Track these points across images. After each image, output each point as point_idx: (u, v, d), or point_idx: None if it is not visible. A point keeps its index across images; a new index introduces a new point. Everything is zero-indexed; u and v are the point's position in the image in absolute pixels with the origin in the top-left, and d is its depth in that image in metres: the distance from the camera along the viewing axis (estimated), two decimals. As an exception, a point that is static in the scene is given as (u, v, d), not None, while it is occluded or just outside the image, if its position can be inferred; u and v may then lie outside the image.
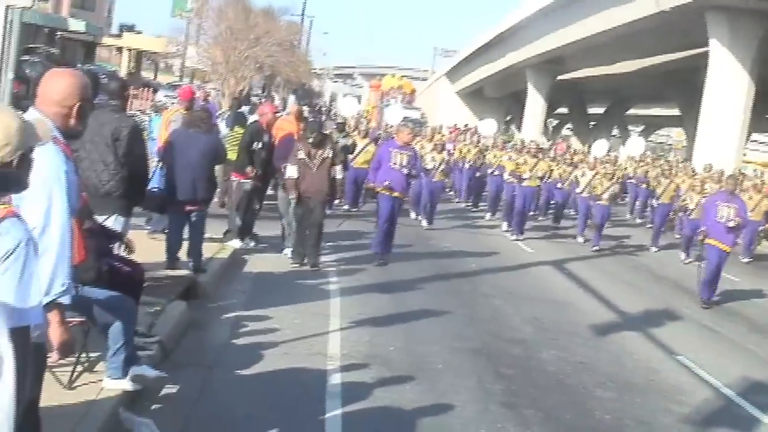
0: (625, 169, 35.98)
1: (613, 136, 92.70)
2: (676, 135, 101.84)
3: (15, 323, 3.88)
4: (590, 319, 14.38)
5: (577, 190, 26.14)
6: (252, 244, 15.24)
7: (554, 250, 22.97)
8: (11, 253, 3.95)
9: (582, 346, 12.44)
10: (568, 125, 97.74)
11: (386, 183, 16.02)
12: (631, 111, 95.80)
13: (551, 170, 26.54)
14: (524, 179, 23.95)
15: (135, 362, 7.34)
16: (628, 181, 33.95)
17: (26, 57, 27.42)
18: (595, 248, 23.45)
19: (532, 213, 26.67)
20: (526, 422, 8.72)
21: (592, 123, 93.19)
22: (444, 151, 25.09)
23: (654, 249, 25.95)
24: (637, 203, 34.86)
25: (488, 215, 27.80)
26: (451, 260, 17.97)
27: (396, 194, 16.26)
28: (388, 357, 10.28)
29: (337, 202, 16.55)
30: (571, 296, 16.46)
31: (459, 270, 16.91)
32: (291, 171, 14.36)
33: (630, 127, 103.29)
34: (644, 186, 33.14)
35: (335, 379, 9.12)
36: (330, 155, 14.61)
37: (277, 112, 16.60)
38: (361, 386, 9.03)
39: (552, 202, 29.62)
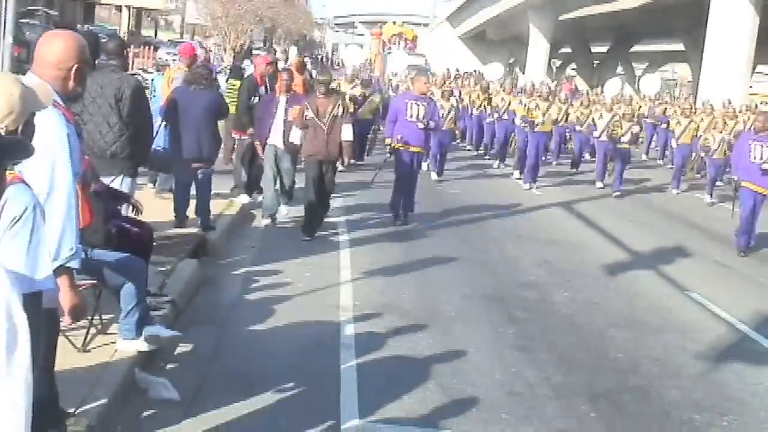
0: (640, 108, 34.69)
1: (618, 74, 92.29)
2: (681, 71, 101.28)
3: (26, 290, 3.88)
4: (602, 259, 14.38)
5: (595, 134, 24.92)
6: (260, 198, 15.12)
7: (565, 193, 22.60)
8: (18, 219, 3.94)
9: (594, 287, 12.45)
10: (572, 65, 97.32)
11: (399, 137, 15.05)
12: (636, 48, 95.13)
13: (567, 114, 25.28)
14: (537, 124, 22.66)
15: (148, 322, 7.36)
16: (645, 121, 32.94)
17: (25, 20, 27.31)
18: (616, 194, 22.66)
19: (545, 159, 25.82)
20: (541, 365, 8.75)
21: (596, 62, 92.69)
22: (452, 98, 24.01)
23: (675, 191, 25.33)
24: (654, 143, 34.27)
25: (497, 163, 27.00)
26: (459, 207, 17.94)
27: (414, 149, 15.25)
28: (400, 306, 10.30)
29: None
30: (582, 237, 16.47)
31: (468, 216, 16.90)
32: (295, 135, 13.13)
33: (634, 65, 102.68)
34: (663, 126, 32.15)
35: (348, 330, 9.15)
36: (341, 113, 13.21)
37: (271, 63, 16.28)
38: (374, 336, 9.06)
39: (565, 145, 28.92)
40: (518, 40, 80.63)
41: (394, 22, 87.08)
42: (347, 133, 13.25)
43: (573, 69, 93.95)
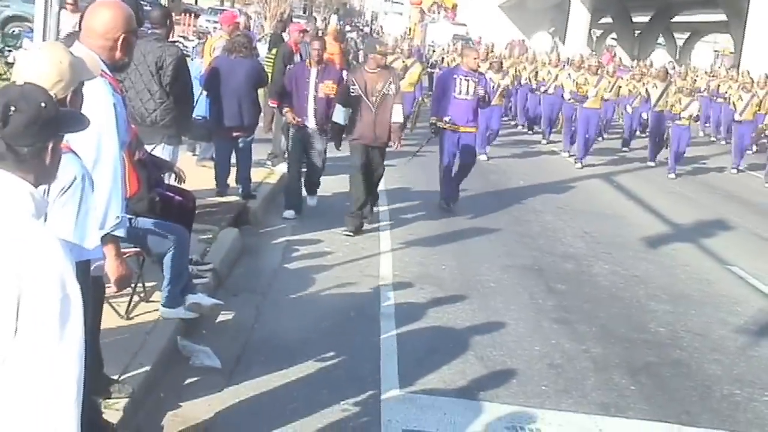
0: (695, 82, 32.47)
1: (660, 45, 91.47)
2: (722, 42, 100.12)
3: (75, 259, 3.92)
4: (642, 232, 14.32)
5: (655, 107, 23.21)
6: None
7: (610, 168, 21.89)
8: (67, 189, 3.99)
9: (634, 259, 12.41)
10: (613, 35, 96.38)
11: (447, 119, 13.49)
12: (676, 18, 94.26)
13: (619, 87, 23.94)
14: (586, 99, 21.20)
15: (190, 290, 7.42)
16: (699, 95, 29.86)
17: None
18: (671, 176, 21.12)
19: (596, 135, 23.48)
20: (580, 338, 8.74)
21: (638, 32, 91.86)
22: (501, 71, 22.08)
23: (734, 170, 23.59)
24: (709, 122, 32.40)
25: (543, 140, 25.33)
26: (501, 180, 17.88)
27: (463, 129, 13.64)
28: (439, 276, 10.32)
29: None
30: (623, 210, 16.38)
31: (509, 189, 16.86)
32: (339, 115, 11.80)
33: (676, 35, 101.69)
34: (719, 101, 30.04)
35: (388, 300, 9.18)
36: (393, 91, 11.62)
37: (304, 31, 16.15)
38: (414, 306, 9.09)
39: (612, 122, 27.36)
40: (559, 9, 79.91)
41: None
42: (398, 114, 11.70)
43: (613, 39, 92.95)
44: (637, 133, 27.08)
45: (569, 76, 23.61)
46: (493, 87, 19.46)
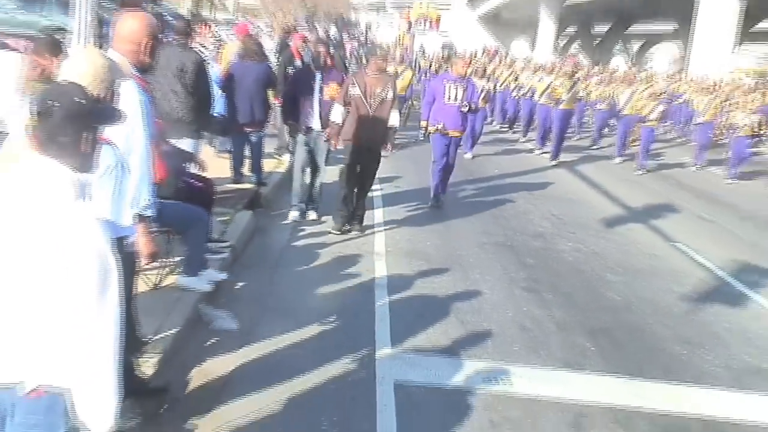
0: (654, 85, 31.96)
1: (617, 52, 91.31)
2: (672, 49, 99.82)
3: (114, 235, 3.97)
4: (601, 214, 14.36)
5: (622, 110, 22.44)
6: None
7: (578, 162, 21.27)
8: (105, 174, 4.03)
9: (593, 237, 12.44)
10: (576, 43, 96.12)
11: (439, 125, 12.88)
12: (632, 28, 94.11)
13: (589, 92, 23.40)
14: (561, 101, 20.46)
15: (205, 266, 7.48)
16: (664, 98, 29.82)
17: (103, 2, 27.19)
18: (640, 172, 20.41)
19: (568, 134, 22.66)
20: (547, 304, 8.79)
21: (597, 40, 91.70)
22: (485, 77, 20.95)
23: (693, 168, 22.50)
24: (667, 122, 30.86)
25: (522, 137, 24.79)
26: (481, 173, 17.85)
27: (451, 133, 12.99)
28: (426, 252, 10.35)
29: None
30: (585, 196, 16.40)
31: (487, 180, 16.85)
32: (337, 113, 10.45)
33: (631, 43, 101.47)
34: (678, 103, 29.19)
35: (381, 272, 9.22)
36: (390, 96, 10.55)
37: (305, 39, 16.05)
38: (404, 277, 9.12)
39: (583, 121, 26.41)
40: (529, 22, 79.71)
41: (420, 5, 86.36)
42: (394, 118, 10.63)
43: (576, 47, 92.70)
44: (606, 131, 26.67)
45: (542, 79, 22.91)
46: (479, 91, 18.66)
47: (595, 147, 24.94)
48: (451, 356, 7.00)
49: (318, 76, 10.81)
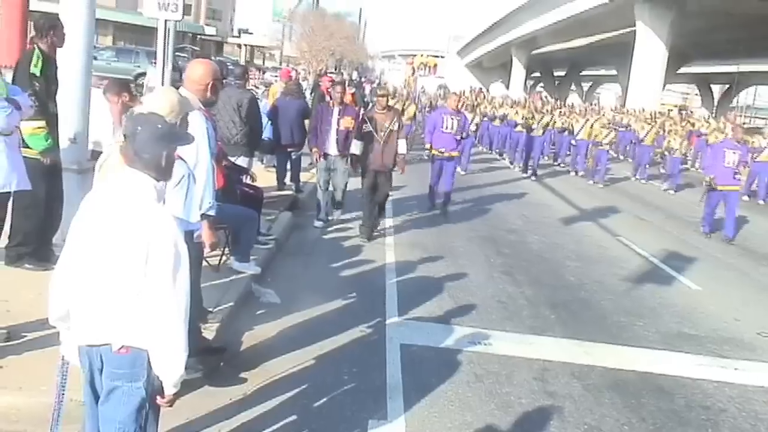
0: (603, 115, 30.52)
1: (572, 90, 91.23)
2: (614, 89, 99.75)
3: (184, 229, 3.98)
4: (561, 214, 14.31)
5: (577, 136, 21.88)
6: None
7: (545, 176, 20.81)
8: (179, 183, 4.04)
9: (555, 232, 12.39)
10: (540, 84, 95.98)
11: (441, 149, 12.42)
12: (584, 72, 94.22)
13: (554, 122, 22.55)
14: (533, 129, 20.46)
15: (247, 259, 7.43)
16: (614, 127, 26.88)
17: (178, 53, 27.38)
18: (600, 185, 19.72)
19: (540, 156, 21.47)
20: (519, 284, 8.74)
21: (557, 81, 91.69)
22: (473, 111, 21.21)
23: (635, 179, 22.22)
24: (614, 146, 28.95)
25: (499, 157, 24.58)
26: (469, 184, 17.83)
27: (448, 154, 12.52)
28: (425, 244, 10.31)
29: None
30: (549, 200, 16.35)
31: (473, 189, 16.81)
32: (356, 147, 10.15)
33: (583, 84, 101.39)
34: (622, 129, 27.50)
35: (391, 259, 9.18)
36: (397, 128, 10.19)
37: (333, 81, 15.94)
38: (408, 263, 9.09)
39: (551, 145, 25.19)
40: (504, 67, 79.67)
41: (422, 55, 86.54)
42: (402, 147, 10.24)
43: (541, 86, 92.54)
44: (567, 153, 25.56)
45: (517, 112, 23.19)
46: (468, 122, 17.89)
47: (556, 164, 24.52)
48: (445, 323, 6.96)
49: (336, 111, 10.29)
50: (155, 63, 21.88)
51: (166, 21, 9.15)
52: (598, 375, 6.12)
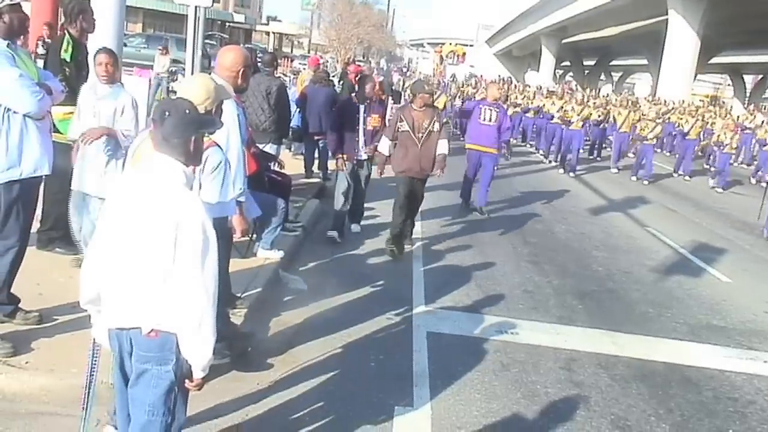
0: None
1: (601, 80, 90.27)
2: (644, 78, 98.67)
3: (218, 215, 4.15)
4: (588, 204, 14.20)
5: (620, 129, 20.87)
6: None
7: (584, 174, 19.01)
8: (215, 169, 4.09)
9: (582, 222, 12.30)
10: (570, 73, 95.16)
11: (471, 143, 11.65)
12: (614, 62, 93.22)
13: (590, 114, 20.71)
14: (571, 123, 18.75)
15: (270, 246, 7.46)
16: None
17: (208, 41, 27.47)
18: (645, 182, 18.36)
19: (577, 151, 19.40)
20: (546, 273, 8.69)
21: (587, 71, 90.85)
22: (508, 101, 19.02)
23: (676, 175, 20.80)
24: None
25: (533, 150, 22.97)
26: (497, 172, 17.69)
27: (485, 149, 11.53)
28: (452, 233, 10.29)
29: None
30: (574, 188, 16.22)
31: (499, 179, 16.67)
32: (384, 146, 8.79)
33: (613, 73, 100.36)
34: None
35: (418, 248, 9.16)
36: (437, 128, 8.67)
37: (360, 70, 15.88)
38: (435, 252, 9.08)
39: (587, 139, 22.36)
40: (533, 56, 79.04)
41: (450, 43, 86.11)
42: (443, 147, 8.72)
43: (570, 76, 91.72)
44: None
45: (554, 103, 21.27)
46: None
47: (592, 157, 22.95)
48: (471, 312, 6.94)
49: (362, 108, 9.00)
50: (162, 50, 21.92)
51: (196, 8, 9.19)
52: (625, 365, 6.07)
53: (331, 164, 12.98)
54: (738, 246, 11.86)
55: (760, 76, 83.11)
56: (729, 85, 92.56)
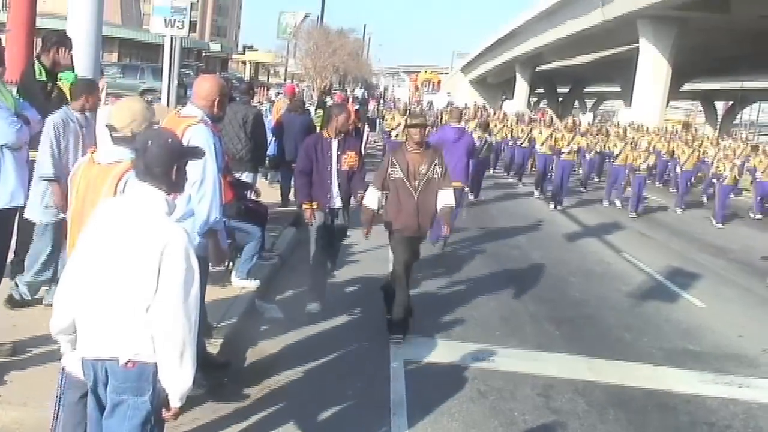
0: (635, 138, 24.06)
1: (576, 107, 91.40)
2: (617, 105, 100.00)
3: (202, 231, 4.41)
4: (563, 230, 14.31)
5: (615, 161, 19.13)
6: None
7: (573, 208, 18.07)
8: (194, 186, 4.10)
9: (558, 248, 12.40)
10: (544, 100, 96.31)
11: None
12: (587, 89, 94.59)
13: (579, 142, 18.96)
14: (563, 153, 17.44)
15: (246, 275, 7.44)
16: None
17: (184, 69, 27.49)
18: (632, 215, 17.27)
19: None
20: (522, 300, 8.73)
21: (561, 98, 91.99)
22: (487, 131, 17.17)
23: (678, 210, 19.34)
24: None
25: (516, 181, 21.72)
26: (474, 205, 17.79)
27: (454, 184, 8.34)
28: (428, 261, 10.22)
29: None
30: (550, 217, 16.33)
31: (478, 208, 16.79)
32: (371, 198, 6.84)
33: (586, 100, 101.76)
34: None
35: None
36: (440, 174, 6.77)
37: (343, 99, 15.98)
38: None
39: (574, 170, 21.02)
40: (508, 83, 79.89)
41: (425, 71, 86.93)
42: (447, 197, 6.77)
43: (544, 103, 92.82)
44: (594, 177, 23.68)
45: (541, 132, 19.31)
46: (481, 144, 15.29)
47: (583, 189, 21.59)
48: (448, 339, 6.95)
49: (334, 144, 7.11)
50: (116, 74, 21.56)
51: (172, 37, 9.24)
52: (602, 391, 6.11)
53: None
54: (711, 271, 12.00)
55: (731, 103, 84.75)
56: (700, 111, 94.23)
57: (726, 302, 10.00)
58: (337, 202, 7.21)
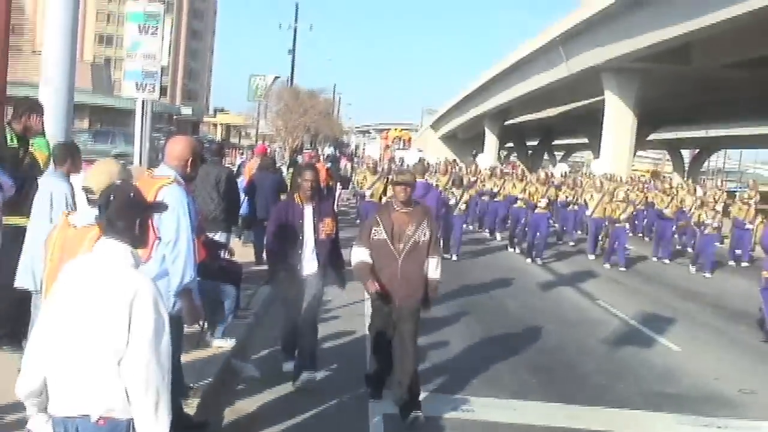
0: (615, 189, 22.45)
1: (545, 159, 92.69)
2: (586, 156, 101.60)
3: (177, 290, 4.46)
4: (538, 278, 14.43)
5: (588, 212, 19.19)
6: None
7: (554, 262, 17.53)
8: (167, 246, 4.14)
9: (533, 297, 12.49)
10: (514, 154, 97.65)
11: None
12: (556, 142, 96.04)
13: (557, 194, 19.15)
14: (537, 206, 16.88)
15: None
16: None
17: (156, 134, 27.59)
18: (621, 267, 16.71)
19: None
20: (499, 349, 8.76)
21: (530, 151, 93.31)
22: (462, 186, 17.11)
23: (654, 259, 19.02)
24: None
25: (491, 235, 21.52)
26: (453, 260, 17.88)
27: None
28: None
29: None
30: (524, 265, 16.45)
31: (458, 261, 16.87)
32: (360, 254, 6.16)
33: (555, 153, 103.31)
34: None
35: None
36: (427, 237, 6.15)
37: (313, 157, 16.11)
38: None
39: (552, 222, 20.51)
40: (477, 138, 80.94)
41: (396, 129, 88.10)
42: (433, 267, 6.25)
43: (514, 156, 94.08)
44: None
45: (514, 185, 19.28)
46: (457, 200, 16.15)
47: (559, 242, 21.10)
48: (426, 391, 6.89)
49: (308, 210, 6.69)
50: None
51: (143, 101, 9.35)
52: (581, 437, 6.13)
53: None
54: (685, 315, 12.13)
55: (697, 150, 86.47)
56: (668, 160, 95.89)
57: (701, 345, 10.11)
58: (309, 270, 6.65)
